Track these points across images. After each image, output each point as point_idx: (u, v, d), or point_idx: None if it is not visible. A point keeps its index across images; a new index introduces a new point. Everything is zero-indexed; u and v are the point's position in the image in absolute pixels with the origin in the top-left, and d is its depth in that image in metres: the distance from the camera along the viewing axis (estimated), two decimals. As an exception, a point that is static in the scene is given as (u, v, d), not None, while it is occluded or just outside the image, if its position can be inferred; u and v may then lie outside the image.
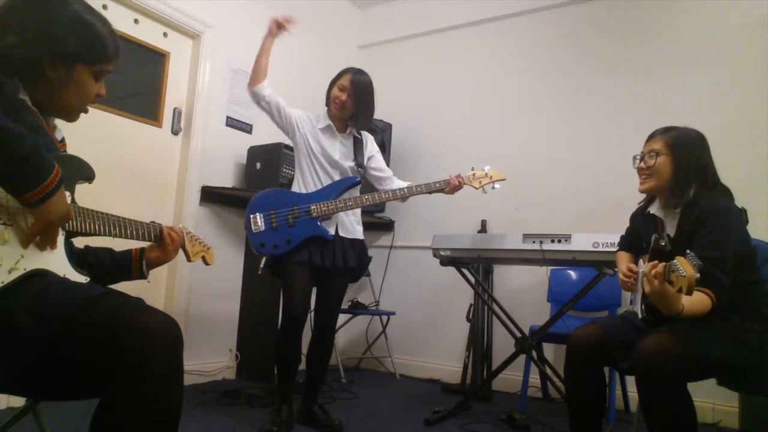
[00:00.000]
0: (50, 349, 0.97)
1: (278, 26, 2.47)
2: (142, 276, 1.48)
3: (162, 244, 1.48)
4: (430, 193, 2.55)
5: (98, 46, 1.20)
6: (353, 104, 2.49)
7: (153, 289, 3.14)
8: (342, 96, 2.48)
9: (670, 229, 1.85)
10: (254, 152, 3.47)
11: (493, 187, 2.58)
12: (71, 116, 1.26)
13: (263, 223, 2.36)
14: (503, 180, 2.60)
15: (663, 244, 1.71)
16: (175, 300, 3.19)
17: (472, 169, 2.59)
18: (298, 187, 2.52)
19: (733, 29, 3.21)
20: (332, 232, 2.45)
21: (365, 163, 2.61)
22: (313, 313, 2.57)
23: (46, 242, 1.10)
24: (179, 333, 1.04)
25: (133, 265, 1.47)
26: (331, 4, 4.39)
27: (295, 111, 2.55)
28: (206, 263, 1.64)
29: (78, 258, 1.38)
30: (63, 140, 1.29)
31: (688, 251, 1.45)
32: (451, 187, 2.53)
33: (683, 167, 1.80)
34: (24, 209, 1.07)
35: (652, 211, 1.93)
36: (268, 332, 3.37)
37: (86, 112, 1.27)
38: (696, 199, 1.77)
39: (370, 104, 2.55)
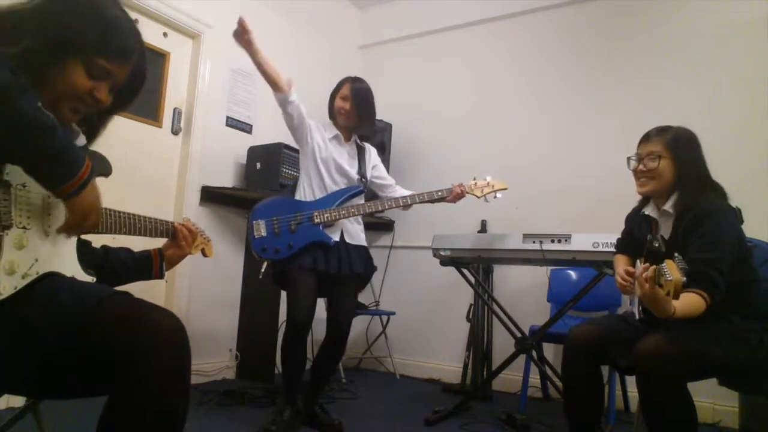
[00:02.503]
0: (60, 349, 0.98)
1: (242, 36, 2.30)
2: (161, 275, 1.49)
3: (176, 240, 1.49)
4: (432, 201, 2.57)
5: (92, 33, 1.08)
6: (356, 111, 2.51)
7: (153, 289, 3.14)
8: (346, 105, 2.51)
9: (665, 231, 1.85)
10: (254, 152, 3.47)
11: (495, 197, 2.59)
12: (57, 109, 1.07)
13: (265, 229, 2.38)
14: (505, 189, 2.61)
15: (656, 245, 1.71)
16: (175, 299, 3.19)
17: (474, 179, 2.61)
18: (304, 195, 2.50)
19: (733, 29, 3.21)
20: (336, 238, 2.44)
21: (368, 174, 2.62)
22: (326, 322, 2.55)
23: (75, 233, 1.11)
24: (186, 333, 1.04)
25: (153, 265, 1.48)
26: (331, 4, 4.39)
27: (308, 120, 2.54)
28: (205, 255, 1.65)
29: (99, 258, 1.38)
30: (85, 146, 1.25)
31: (676, 254, 1.45)
32: (453, 195, 2.55)
33: (685, 170, 1.80)
34: (44, 210, 1.08)
35: (647, 212, 1.93)
36: (268, 332, 3.37)
37: (78, 114, 1.13)
38: (691, 200, 1.77)
39: (372, 110, 2.59)
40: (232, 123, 3.56)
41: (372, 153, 2.70)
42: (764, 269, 1.94)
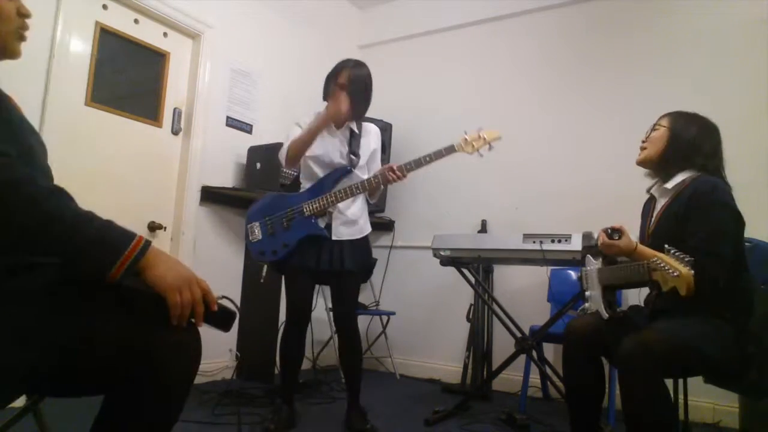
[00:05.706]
0: (59, 350, 0.97)
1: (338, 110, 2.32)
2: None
3: None
4: (422, 165, 2.49)
5: None
6: (351, 99, 2.39)
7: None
8: (341, 93, 2.38)
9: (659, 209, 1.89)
10: (254, 152, 3.47)
11: (489, 148, 2.38)
12: (7, 47, 1.07)
13: (260, 231, 2.40)
14: (499, 138, 2.38)
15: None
16: (175, 300, 3.19)
17: (465, 132, 2.39)
18: None
19: (733, 29, 3.21)
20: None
21: (362, 153, 2.50)
22: (331, 317, 2.56)
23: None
24: (199, 348, 1.04)
25: None
26: (331, 4, 4.39)
27: (296, 129, 2.45)
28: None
29: None
30: None
31: (666, 246, 1.46)
32: (384, 179, 2.40)
33: (675, 139, 1.86)
34: None
35: (651, 191, 1.96)
36: (268, 332, 3.37)
37: (24, 39, 1.10)
38: (691, 181, 1.80)
39: (368, 97, 2.49)
40: (232, 123, 3.56)
41: (371, 137, 2.57)
42: (760, 269, 1.94)
